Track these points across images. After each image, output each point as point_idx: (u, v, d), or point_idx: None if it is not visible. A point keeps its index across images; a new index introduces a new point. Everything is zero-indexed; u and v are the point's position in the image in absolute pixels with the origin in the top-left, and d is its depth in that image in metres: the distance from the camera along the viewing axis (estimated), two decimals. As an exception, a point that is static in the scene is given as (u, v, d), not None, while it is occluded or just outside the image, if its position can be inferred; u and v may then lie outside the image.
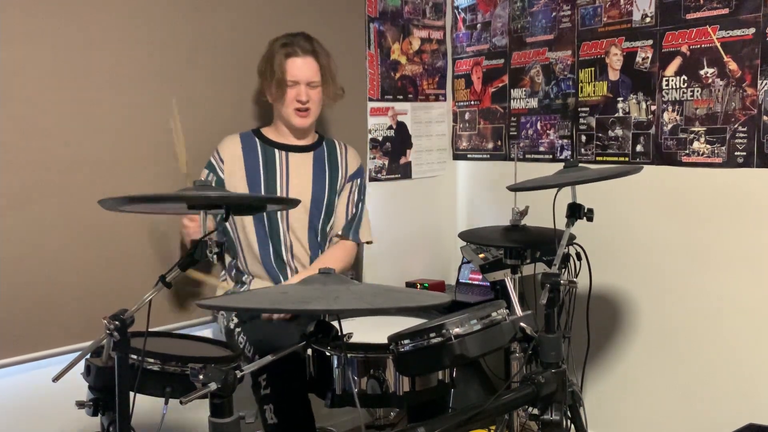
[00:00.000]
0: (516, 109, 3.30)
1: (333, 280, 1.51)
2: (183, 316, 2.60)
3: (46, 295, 2.28)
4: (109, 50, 2.38)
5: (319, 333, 1.62)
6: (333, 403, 1.88)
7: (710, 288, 2.70)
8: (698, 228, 2.72)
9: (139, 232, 2.45)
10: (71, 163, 2.31)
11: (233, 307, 2.05)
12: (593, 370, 3.04)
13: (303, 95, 2.46)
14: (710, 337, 2.71)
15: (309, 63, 2.47)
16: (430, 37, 3.44)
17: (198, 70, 2.58)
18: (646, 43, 2.80)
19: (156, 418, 1.65)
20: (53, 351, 2.29)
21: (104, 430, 1.71)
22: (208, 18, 2.60)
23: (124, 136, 2.43)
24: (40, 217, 2.26)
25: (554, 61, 3.11)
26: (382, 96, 3.25)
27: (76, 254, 2.33)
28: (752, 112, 2.54)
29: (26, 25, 2.21)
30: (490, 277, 2.56)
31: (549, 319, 1.80)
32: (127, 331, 1.54)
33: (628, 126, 2.89)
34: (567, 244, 2.02)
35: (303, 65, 2.46)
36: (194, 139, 2.54)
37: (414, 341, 1.70)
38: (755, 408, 2.57)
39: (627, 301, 2.96)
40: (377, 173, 3.26)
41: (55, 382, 1.65)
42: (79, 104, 2.32)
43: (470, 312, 1.73)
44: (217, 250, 1.61)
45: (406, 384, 1.87)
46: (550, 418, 1.76)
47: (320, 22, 2.89)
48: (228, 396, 1.43)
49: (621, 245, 2.94)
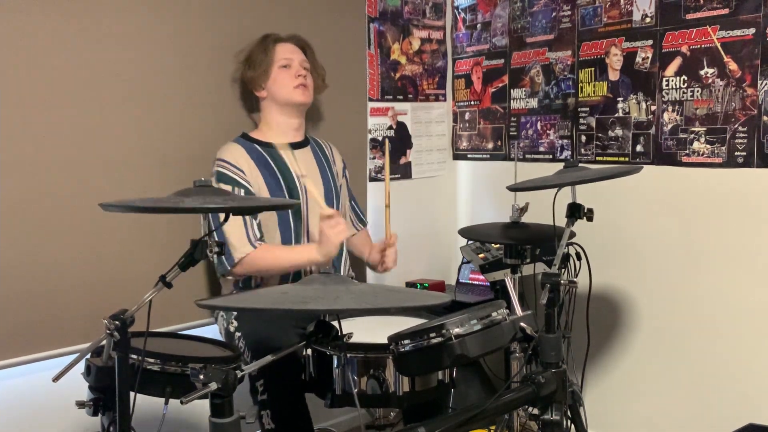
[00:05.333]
0: (516, 109, 3.30)
1: (333, 280, 1.51)
2: (183, 316, 2.60)
3: (46, 296, 2.28)
4: (110, 50, 2.37)
5: (319, 333, 1.62)
6: (333, 403, 1.88)
7: (710, 288, 2.70)
8: (698, 228, 2.72)
9: (139, 232, 2.45)
10: (71, 163, 2.31)
11: (233, 307, 2.05)
12: (593, 370, 3.04)
13: (301, 70, 2.50)
14: (710, 336, 2.71)
15: (297, 50, 2.55)
16: (430, 37, 3.45)
17: (199, 70, 2.58)
18: (646, 43, 2.80)
19: (156, 418, 1.65)
20: (53, 351, 2.28)
21: (104, 430, 1.71)
22: (209, 18, 2.60)
23: (125, 136, 2.42)
24: (40, 218, 2.26)
25: (554, 61, 3.12)
26: (382, 96, 3.25)
27: (76, 254, 2.33)
28: (752, 112, 2.54)
29: (26, 25, 2.21)
30: (490, 277, 2.56)
31: (549, 319, 1.80)
32: (128, 331, 1.54)
33: (628, 126, 2.89)
34: (567, 244, 2.02)
35: (294, 49, 2.54)
36: (197, 140, 2.56)
37: (414, 341, 1.71)
38: (755, 408, 2.57)
39: (627, 301, 2.96)
40: (377, 173, 3.26)
41: (55, 382, 1.65)
42: (80, 105, 2.32)
43: (470, 312, 1.73)
44: (217, 250, 1.61)
45: (406, 384, 1.87)
46: (550, 418, 1.76)
47: (320, 22, 2.89)
48: (228, 396, 1.43)
49: (621, 245, 2.94)
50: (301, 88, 2.49)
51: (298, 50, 2.56)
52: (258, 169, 2.44)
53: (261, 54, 2.49)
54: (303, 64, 2.53)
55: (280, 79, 2.48)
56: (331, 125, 2.95)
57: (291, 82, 2.48)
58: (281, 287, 1.62)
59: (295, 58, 2.51)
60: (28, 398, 2.32)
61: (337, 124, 2.97)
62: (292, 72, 2.49)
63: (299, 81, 2.48)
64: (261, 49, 2.51)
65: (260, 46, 2.52)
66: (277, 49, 2.51)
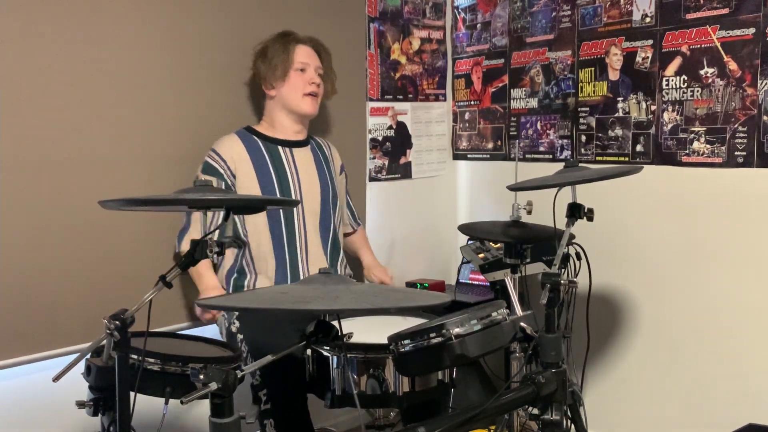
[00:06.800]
0: (516, 109, 3.30)
1: (333, 280, 1.51)
2: (183, 316, 2.60)
3: (46, 296, 2.28)
4: (110, 50, 2.38)
5: (319, 333, 1.62)
6: (333, 403, 1.88)
7: (710, 288, 2.70)
8: (698, 228, 2.72)
9: (139, 232, 2.45)
10: (71, 163, 2.31)
11: (233, 307, 2.05)
12: (593, 370, 3.04)
13: (316, 78, 2.48)
14: (710, 336, 2.71)
15: (314, 55, 2.53)
16: (430, 37, 3.44)
17: (199, 70, 2.58)
18: (646, 43, 2.80)
19: (156, 418, 1.65)
20: (53, 351, 2.28)
21: (104, 430, 1.71)
22: (209, 17, 2.60)
23: (125, 135, 2.42)
24: (40, 218, 2.26)
25: (554, 61, 3.11)
26: (382, 96, 3.25)
27: (76, 254, 2.33)
28: (752, 112, 2.54)
29: (26, 24, 2.21)
30: (490, 277, 2.56)
31: (549, 319, 1.80)
32: (128, 331, 1.54)
33: (628, 126, 2.89)
34: (567, 244, 2.02)
35: (312, 54, 2.52)
36: (197, 140, 2.55)
37: (414, 341, 1.70)
38: (755, 408, 2.57)
39: (627, 301, 2.96)
40: (377, 173, 3.26)
41: (55, 382, 1.65)
42: (80, 104, 2.32)
43: (470, 312, 1.73)
44: (217, 250, 1.61)
45: (406, 384, 1.87)
46: (550, 418, 1.76)
47: (320, 22, 2.89)
48: (228, 396, 1.43)
49: (621, 245, 2.94)
50: (310, 97, 2.48)
51: (315, 55, 2.53)
52: (251, 162, 2.44)
53: (280, 53, 2.46)
54: (318, 70, 2.51)
55: (293, 83, 2.47)
56: (331, 125, 2.95)
57: (303, 89, 2.47)
58: (281, 287, 1.62)
59: (311, 63, 2.49)
60: (28, 398, 2.32)
61: (337, 124, 2.98)
62: (306, 78, 2.47)
63: (311, 89, 2.47)
64: (280, 48, 2.47)
65: (279, 45, 2.48)
66: (297, 51, 2.48)
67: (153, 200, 1.71)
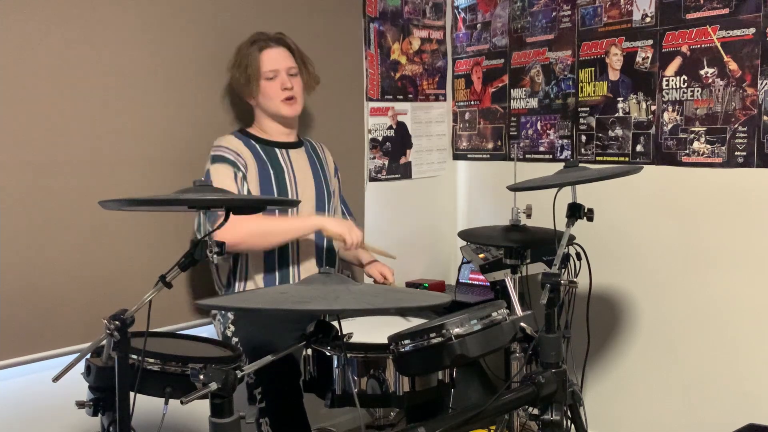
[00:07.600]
0: (516, 109, 3.30)
1: (333, 280, 1.51)
2: (183, 316, 2.60)
3: (46, 296, 2.28)
4: (109, 50, 2.38)
5: (319, 333, 1.61)
6: (333, 403, 1.88)
7: (710, 288, 2.70)
8: (698, 228, 2.72)
9: (139, 232, 2.45)
10: (71, 163, 2.31)
11: (233, 307, 2.05)
12: (593, 370, 3.04)
13: (287, 82, 2.44)
14: (710, 336, 2.71)
15: (282, 52, 2.47)
16: (430, 37, 3.44)
17: (199, 70, 2.58)
18: (646, 43, 2.80)
19: (156, 418, 1.65)
20: (53, 351, 2.29)
21: (104, 430, 1.71)
22: (208, 18, 2.60)
23: (125, 136, 2.42)
24: (40, 218, 2.26)
25: (554, 61, 3.11)
26: (382, 96, 3.25)
27: (76, 254, 2.33)
28: (752, 112, 2.54)
29: (26, 24, 2.21)
30: (490, 277, 2.56)
31: (549, 319, 1.80)
32: (127, 331, 1.54)
33: (628, 126, 2.89)
34: (567, 244, 2.02)
35: (278, 55, 2.46)
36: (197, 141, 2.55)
37: (414, 341, 1.70)
38: (755, 408, 2.57)
39: (627, 301, 2.96)
40: (377, 173, 3.26)
41: (55, 382, 1.65)
42: (79, 104, 2.32)
43: (470, 312, 1.73)
44: (217, 250, 1.61)
45: (406, 384, 1.87)
46: (550, 418, 1.76)
47: (320, 22, 2.89)
48: (228, 396, 1.43)
49: (621, 245, 2.94)
50: (286, 102, 2.45)
51: (285, 54, 2.48)
52: (253, 160, 2.43)
53: (246, 66, 2.43)
54: (290, 71, 2.46)
55: (266, 92, 2.44)
56: (329, 125, 2.94)
57: (278, 95, 2.44)
58: (281, 287, 1.62)
59: (280, 67, 2.44)
60: (28, 398, 2.32)
61: (335, 125, 2.97)
62: (277, 84, 2.43)
63: (285, 94, 2.44)
64: (246, 60, 2.44)
65: (245, 56, 2.45)
66: (263, 59, 2.43)
67: (153, 200, 1.71)
